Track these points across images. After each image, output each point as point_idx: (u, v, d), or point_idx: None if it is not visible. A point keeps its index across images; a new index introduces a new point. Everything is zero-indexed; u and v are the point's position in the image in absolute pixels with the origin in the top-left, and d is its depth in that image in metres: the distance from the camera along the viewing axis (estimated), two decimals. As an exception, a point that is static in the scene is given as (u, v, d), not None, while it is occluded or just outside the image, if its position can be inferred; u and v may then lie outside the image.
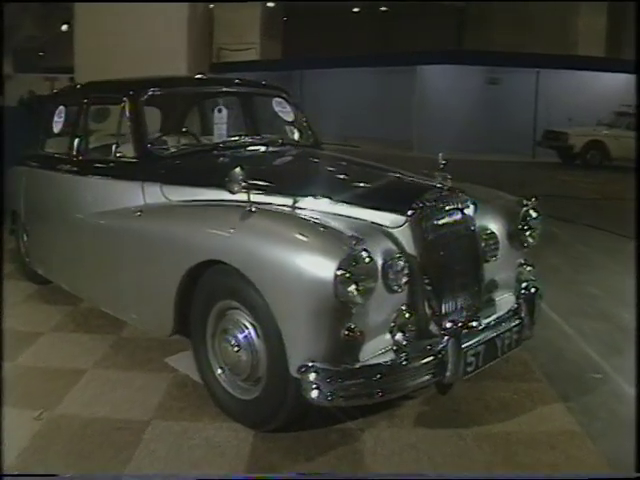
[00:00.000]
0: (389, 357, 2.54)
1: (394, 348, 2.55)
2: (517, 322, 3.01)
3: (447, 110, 17.72)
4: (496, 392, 3.28)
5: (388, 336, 2.57)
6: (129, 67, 5.83)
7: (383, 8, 27.94)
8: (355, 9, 28.52)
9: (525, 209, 3.34)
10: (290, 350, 2.52)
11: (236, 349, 2.81)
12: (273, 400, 2.70)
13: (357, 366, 2.48)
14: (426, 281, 2.73)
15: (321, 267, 2.41)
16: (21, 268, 5.11)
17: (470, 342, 2.72)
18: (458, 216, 2.86)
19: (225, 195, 2.97)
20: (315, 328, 2.45)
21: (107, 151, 3.77)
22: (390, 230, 2.77)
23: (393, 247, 2.68)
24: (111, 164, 3.72)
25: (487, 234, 3.16)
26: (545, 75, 17.77)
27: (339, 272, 2.38)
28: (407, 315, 2.58)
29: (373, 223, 2.80)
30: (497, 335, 2.87)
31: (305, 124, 4.35)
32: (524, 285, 3.18)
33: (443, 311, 2.77)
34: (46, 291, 4.78)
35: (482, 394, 3.26)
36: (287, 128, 4.25)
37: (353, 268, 2.40)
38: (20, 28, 17.93)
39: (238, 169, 2.78)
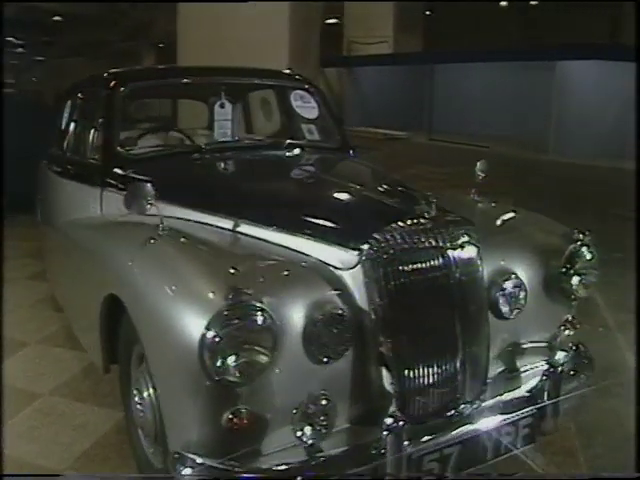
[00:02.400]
0: (299, 456, 1.79)
1: (305, 445, 1.80)
2: (530, 412, 2.12)
3: (592, 110, 15.87)
4: (507, 496, 2.40)
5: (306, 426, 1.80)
6: (229, 58, 5.56)
7: (533, 2, 26.01)
8: (503, 3, 26.90)
9: (573, 246, 2.41)
10: (167, 428, 1.88)
11: (139, 405, 2.21)
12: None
13: (252, 465, 1.77)
14: (384, 347, 1.95)
15: (189, 325, 1.73)
16: (47, 267, 4.89)
17: (435, 439, 1.90)
18: (438, 260, 2.02)
19: (182, 212, 2.45)
20: (186, 406, 1.79)
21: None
22: (339, 272, 2.01)
23: (333, 298, 1.93)
24: (83, 166, 3.27)
25: (507, 280, 2.29)
26: None
27: (209, 335, 1.69)
28: (323, 401, 1.81)
29: (321, 261, 2.07)
30: (488, 431, 2.01)
31: (331, 122, 3.62)
32: (557, 357, 2.27)
33: (407, 388, 1.96)
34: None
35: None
36: (304, 127, 3.54)
37: (231, 331, 1.69)
38: (154, 24, 18.55)
39: (148, 186, 2.16)
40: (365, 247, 1.97)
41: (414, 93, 20.25)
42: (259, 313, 1.73)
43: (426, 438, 1.89)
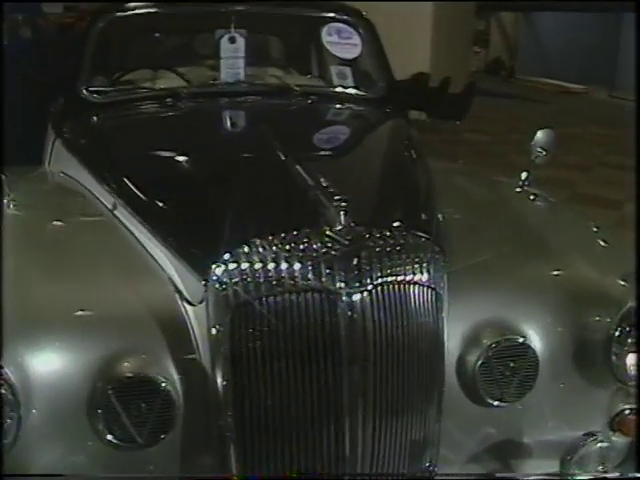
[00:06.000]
0: None
1: None
2: None
3: None
4: None
5: None
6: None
7: None
8: None
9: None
10: None
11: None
12: None
13: None
14: (227, 424, 1.24)
15: None
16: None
17: None
18: (322, 308, 1.18)
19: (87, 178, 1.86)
20: None
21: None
22: (187, 308, 1.26)
23: (150, 353, 1.20)
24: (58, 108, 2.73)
25: (498, 343, 1.38)
26: None
27: None
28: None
29: (175, 286, 1.33)
30: None
31: (376, 65, 2.71)
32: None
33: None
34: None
35: None
36: (334, 70, 2.68)
37: None
38: None
39: None
40: (214, 275, 1.18)
41: (598, 44, 17.76)
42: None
43: None
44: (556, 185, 4.80)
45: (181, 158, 1.81)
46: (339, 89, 2.61)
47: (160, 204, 1.52)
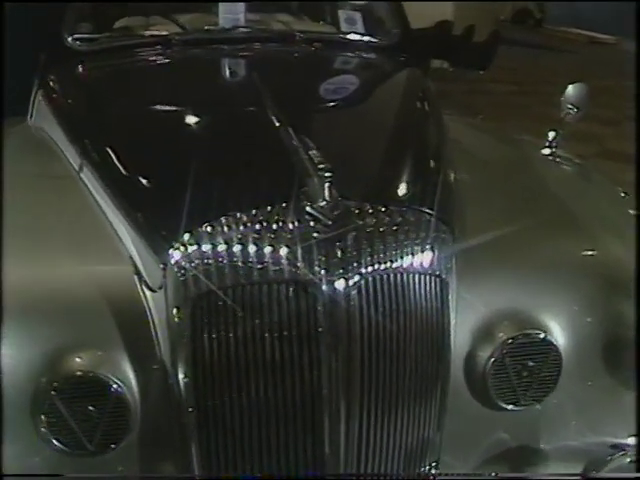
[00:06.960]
0: None
1: None
2: None
3: None
4: None
5: None
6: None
7: None
8: None
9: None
10: None
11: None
12: None
13: None
14: (189, 422, 1.08)
15: None
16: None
17: None
18: (296, 299, 0.99)
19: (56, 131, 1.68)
20: None
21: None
22: (147, 292, 1.08)
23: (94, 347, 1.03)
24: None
25: (512, 340, 1.18)
26: None
27: None
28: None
29: (135, 267, 1.14)
30: None
31: (390, 10, 2.45)
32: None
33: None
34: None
35: None
36: (342, 14, 2.42)
37: None
38: None
39: None
40: (173, 258, 0.99)
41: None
42: None
43: None
44: (584, 140, 4.53)
45: (158, 116, 1.60)
46: (349, 36, 2.37)
47: (127, 169, 1.31)
